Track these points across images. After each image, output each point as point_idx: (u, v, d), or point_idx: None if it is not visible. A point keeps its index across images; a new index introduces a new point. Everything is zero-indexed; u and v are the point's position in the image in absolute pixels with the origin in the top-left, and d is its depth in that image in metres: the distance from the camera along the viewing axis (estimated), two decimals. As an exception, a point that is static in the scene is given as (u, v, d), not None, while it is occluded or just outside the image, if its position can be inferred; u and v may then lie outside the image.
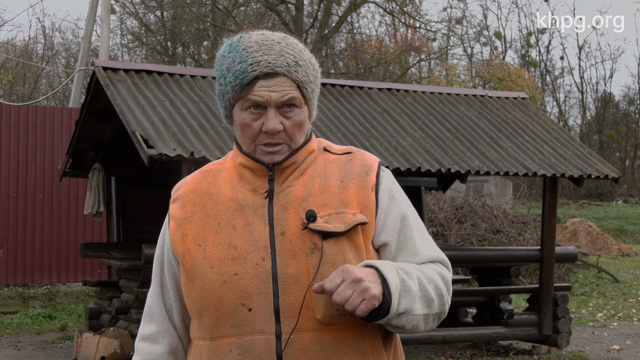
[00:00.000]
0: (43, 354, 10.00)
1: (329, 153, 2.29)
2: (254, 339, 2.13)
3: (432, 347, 10.47)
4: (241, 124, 2.20)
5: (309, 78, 2.21)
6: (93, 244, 10.49)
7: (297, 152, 2.22)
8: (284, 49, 2.18)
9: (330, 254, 2.13)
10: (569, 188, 36.98)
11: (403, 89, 10.68)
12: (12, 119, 13.28)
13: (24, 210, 13.21)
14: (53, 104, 31.49)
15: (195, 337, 2.26)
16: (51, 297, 13.26)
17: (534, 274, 15.70)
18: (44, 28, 47.08)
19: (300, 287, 2.12)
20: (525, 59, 43.37)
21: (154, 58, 30.50)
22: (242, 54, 2.17)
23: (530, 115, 10.94)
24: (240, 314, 2.14)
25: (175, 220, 2.29)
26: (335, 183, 2.22)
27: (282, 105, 2.16)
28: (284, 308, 2.12)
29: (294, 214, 2.17)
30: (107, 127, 10.22)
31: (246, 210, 2.20)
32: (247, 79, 2.15)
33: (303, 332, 2.12)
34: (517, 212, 18.72)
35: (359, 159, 2.28)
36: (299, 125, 2.19)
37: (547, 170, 9.48)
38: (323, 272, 2.12)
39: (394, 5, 30.06)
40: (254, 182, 2.22)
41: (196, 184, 2.31)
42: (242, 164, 2.24)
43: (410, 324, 2.13)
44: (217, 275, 2.16)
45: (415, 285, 2.13)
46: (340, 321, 2.14)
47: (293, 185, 2.21)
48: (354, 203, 2.20)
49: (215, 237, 2.19)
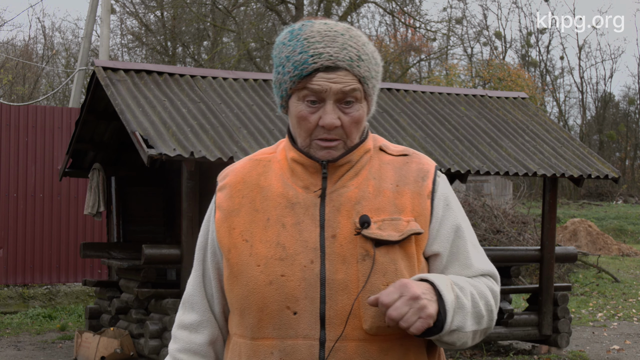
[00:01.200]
0: (43, 354, 10.00)
1: (385, 153, 2.20)
2: (297, 344, 2.06)
3: (432, 347, 10.46)
4: (297, 116, 2.09)
5: (371, 73, 2.11)
6: (93, 244, 10.48)
7: (353, 151, 2.13)
8: (347, 41, 2.09)
9: (382, 262, 2.06)
10: (569, 188, 36.99)
11: (403, 89, 10.68)
12: (12, 119, 13.28)
13: (24, 210, 13.21)
14: (53, 104, 31.49)
15: (234, 333, 2.19)
16: (51, 297, 13.26)
17: (534, 274, 15.71)
18: (44, 28, 47.12)
19: (348, 294, 2.05)
20: (525, 59, 43.37)
21: (154, 58, 30.50)
22: (303, 43, 2.08)
23: (530, 115, 10.94)
24: (284, 316, 2.07)
25: (222, 211, 2.19)
26: (390, 187, 2.14)
27: (341, 100, 2.07)
28: (330, 314, 2.05)
29: (347, 216, 2.09)
30: (107, 127, 10.22)
31: (297, 209, 2.12)
32: (307, 70, 2.05)
33: (348, 341, 2.05)
34: (517, 212, 18.73)
35: (416, 162, 2.19)
36: (357, 121, 2.10)
37: (547, 170, 9.48)
38: (373, 281, 2.05)
39: (394, 5, 30.06)
40: (306, 179, 2.13)
41: (245, 173, 2.21)
42: (295, 159, 2.14)
43: (461, 341, 2.07)
44: (264, 275, 2.08)
45: (468, 302, 2.07)
46: (387, 332, 2.07)
47: (347, 185, 2.13)
48: (409, 210, 2.12)
49: (263, 234, 2.11)
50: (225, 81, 9.58)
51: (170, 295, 8.72)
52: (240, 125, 8.75)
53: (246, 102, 9.26)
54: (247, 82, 9.74)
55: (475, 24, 51.08)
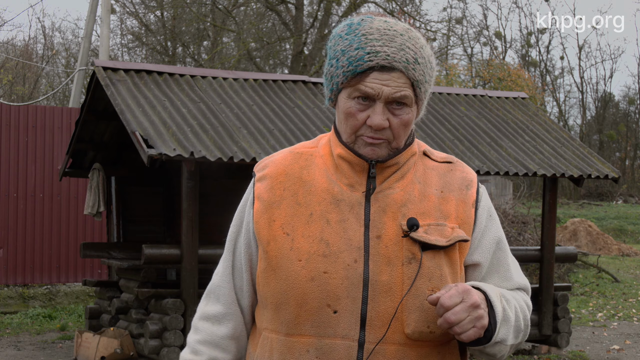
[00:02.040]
0: (43, 353, 10.00)
1: (429, 159, 2.18)
2: (335, 343, 2.02)
3: (432, 347, 10.47)
4: (345, 112, 2.05)
5: (425, 77, 2.07)
6: (93, 243, 10.48)
7: (401, 153, 2.10)
8: (405, 42, 2.04)
9: (429, 267, 2.03)
10: (569, 188, 36.99)
11: (403, 89, 10.67)
12: (12, 119, 13.28)
13: (24, 210, 13.21)
14: (53, 104, 31.48)
15: (265, 328, 2.13)
16: (51, 297, 13.26)
17: (534, 274, 15.70)
18: (44, 28, 47.12)
19: (391, 297, 2.02)
20: (525, 59, 43.37)
21: (154, 58, 30.50)
22: (360, 39, 2.04)
23: (530, 115, 10.94)
24: (324, 314, 2.02)
25: (262, 202, 2.13)
26: (435, 192, 2.12)
27: (392, 102, 2.03)
28: (371, 316, 2.01)
29: (392, 218, 2.06)
30: (107, 127, 10.22)
31: (342, 206, 2.07)
32: (362, 67, 2.01)
33: (387, 344, 2.02)
34: (517, 212, 18.73)
35: (460, 170, 2.18)
36: (405, 124, 2.06)
37: (547, 170, 9.48)
38: (419, 285, 2.02)
39: (394, 5, 30.06)
40: (351, 177, 2.09)
41: (287, 165, 2.16)
42: (341, 155, 2.10)
43: (501, 353, 2.06)
44: (305, 270, 2.03)
45: (512, 315, 2.07)
46: (428, 338, 2.05)
47: (393, 187, 2.10)
48: (453, 216, 2.10)
49: (306, 229, 2.07)
50: (225, 81, 9.58)
51: (170, 295, 8.72)
52: (240, 125, 8.75)
53: (246, 102, 9.26)
54: (247, 82, 9.74)
55: (475, 24, 51.11)
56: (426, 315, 2.03)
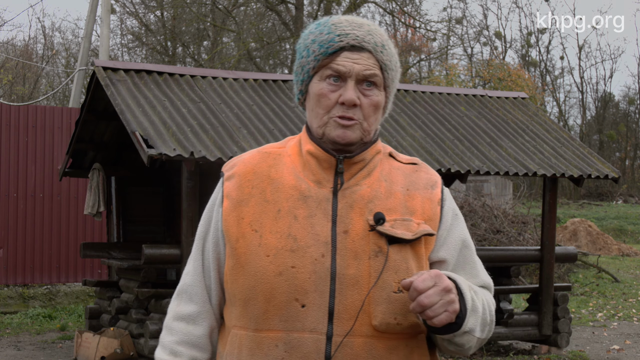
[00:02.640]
0: (43, 353, 10.00)
1: (394, 160, 2.23)
2: (303, 337, 2.04)
3: (432, 347, 10.46)
4: (318, 94, 2.11)
5: (392, 65, 2.15)
6: (93, 243, 10.48)
7: (367, 149, 2.15)
8: (372, 30, 2.15)
9: (395, 260, 2.07)
10: (569, 188, 37.00)
11: (403, 89, 10.68)
12: (12, 119, 13.28)
13: (24, 210, 13.21)
14: (53, 103, 31.48)
15: (234, 325, 2.15)
16: (51, 297, 13.26)
17: (534, 274, 15.71)
18: (44, 28, 47.12)
19: (358, 290, 2.05)
20: (525, 59, 43.38)
21: (154, 58, 30.50)
22: (330, 27, 2.14)
23: (530, 115, 10.94)
24: (292, 309, 2.05)
25: (230, 200, 2.16)
26: (401, 190, 2.16)
27: (362, 82, 2.10)
28: (338, 309, 2.04)
29: (359, 214, 2.10)
30: (107, 127, 10.22)
31: (309, 202, 2.11)
32: (333, 48, 2.10)
33: (355, 337, 2.05)
34: (517, 212, 18.73)
35: (424, 172, 2.23)
36: (375, 105, 2.12)
37: (547, 170, 9.48)
38: (385, 278, 2.05)
39: (394, 5, 30.06)
40: (318, 174, 2.14)
41: (255, 164, 2.20)
42: (310, 152, 2.15)
43: (469, 344, 2.09)
44: (273, 265, 2.06)
45: (480, 307, 2.10)
46: (395, 330, 2.07)
47: (360, 184, 2.14)
48: (419, 213, 2.14)
49: (274, 225, 2.10)
50: (225, 81, 9.58)
51: (170, 295, 8.71)
52: (240, 125, 8.75)
53: (246, 102, 9.26)
54: (247, 82, 9.73)
55: (475, 23, 51.13)
56: (393, 307, 2.05)
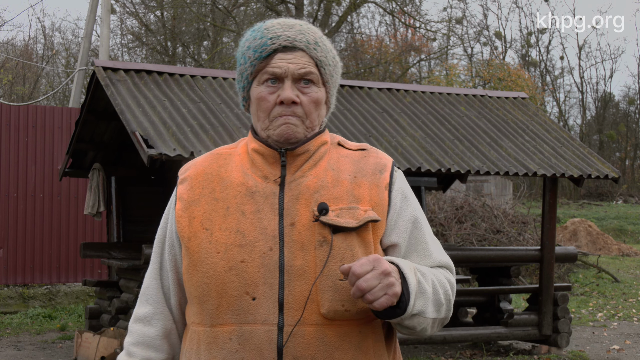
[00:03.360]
0: (43, 353, 10.00)
1: (343, 148, 2.27)
2: (255, 329, 2.09)
3: (432, 347, 10.47)
4: (257, 98, 2.17)
5: (328, 60, 2.19)
6: (93, 243, 10.48)
7: (311, 140, 2.19)
8: (304, 29, 2.19)
9: (340, 248, 2.11)
10: (569, 188, 36.99)
11: (403, 89, 10.68)
12: (12, 119, 13.28)
13: (24, 210, 13.21)
14: (53, 103, 31.48)
15: (193, 322, 2.21)
16: (51, 297, 13.26)
17: (534, 274, 15.71)
18: (44, 28, 47.11)
19: (306, 280, 2.09)
20: (526, 59, 43.38)
21: (154, 58, 30.50)
22: (263, 32, 2.18)
23: (530, 115, 10.94)
24: (243, 302, 2.10)
25: (182, 202, 2.23)
26: (348, 178, 2.19)
27: (299, 80, 2.15)
28: (288, 300, 2.09)
29: (305, 205, 2.14)
30: (107, 127, 10.22)
31: (256, 197, 2.16)
32: (266, 51, 2.14)
33: (306, 326, 2.09)
34: (517, 212, 18.72)
35: (373, 156, 2.26)
36: (315, 102, 2.17)
37: (547, 170, 9.48)
38: (331, 267, 2.10)
39: (394, 5, 30.05)
40: (265, 169, 2.19)
41: (206, 166, 2.26)
42: (255, 149, 2.20)
43: (421, 326, 2.12)
44: (223, 261, 2.11)
45: (429, 288, 2.12)
46: (345, 317, 2.11)
47: (306, 175, 2.18)
48: (366, 200, 2.17)
49: (223, 222, 2.15)
50: (225, 81, 9.58)
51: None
52: (240, 125, 8.75)
53: (246, 102, 9.26)
54: (247, 82, 9.73)
55: (475, 23, 51.12)
56: (340, 295, 2.09)
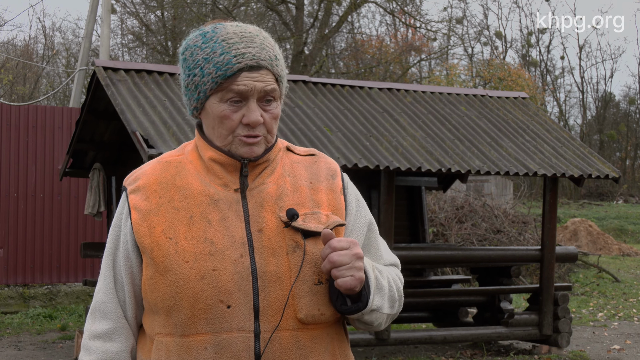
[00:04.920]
0: (44, 353, 10.00)
1: (293, 153, 2.29)
2: (232, 337, 2.08)
3: (432, 347, 10.47)
4: (220, 116, 2.13)
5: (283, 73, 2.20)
6: (93, 243, 10.49)
7: (271, 151, 2.20)
8: (263, 42, 2.16)
9: (312, 253, 2.13)
10: (569, 188, 37.00)
11: (403, 89, 10.68)
12: (13, 119, 13.29)
13: (24, 210, 13.22)
14: (53, 103, 31.48)
15: (158, 333, 2.15)
16: (51, 297, 13.26)
17: (534, 274, 15.70)
18: (44, 28, 47.14)
19: (281, 285, 2.10)
20: (526, 58, 43.38)
21: (155, 58, 30.50)
22: (222, 45, 2.12)
23: (530, 115, 10.93)
24: (218, 310, 2.08)
25: (139, 212, 2.17)
26: (305, 184, 2.22)
27: (262, 99, 2.14)
28: (264, 306, 2.09)
29: (270, 211, 2.15)
30: (107, 127, 10.22)
31: (220, 205, 2.15)
32: (232, 70, 2.10)
33: (282, 331, 2.10)
34: (518, 211, 18.73)
35: (323, 162, 2.29)
36: (276, 118, 2.18)
37: (547, 170, 9.48)
38: (306, 271, 2.12)
39: (395, 5, 30.05)
40: (224, 177, 2.17)
41: (158, 174, 2.22)
42: (213, 158, 2.17)
43: (378, 321, 2.18)
44: (194, 270, 2.08)
45: (386, 285, 2.19)
46: (319, 321, 2.14)
47: (266, 182, 2.19)
48: (325, 204, 2.21)
49: (188, 231, 2.12)
50: (226, 81, 9.57)
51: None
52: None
53: (246, 102, 9.25)
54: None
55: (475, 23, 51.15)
56: (316, 299, 2.13)
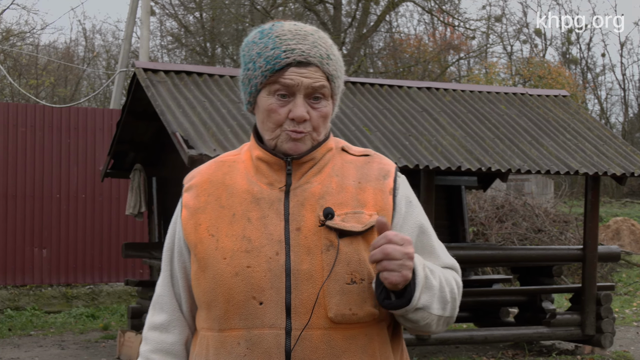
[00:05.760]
0: (86, 352, 10.10)
1: (347, 154, 2.28)
2: (263, 333, 2.11)
3: (473, 347, 10.42)
4: (267, 109, 2.17)
5: (337, 73, 2.20)
6: (135, 244, 10.56)
7: (317, 149, 2.21)
8: (317, 40, 2.18)
9: (346, 252, 2.12)
10: (611, 186, 36.60)
11: (442, 88, 10.64)
12: (55, 121, 13.43)
13: (66, 211, 13.36)
14: (94, 105, 31.78)
15: (202, 327, 2.24)
16: (94, 297, 13.39)
17: (576, 274, 15.56)
18: (84, 30, 47.60)
19: (313, 284, 2.11)
20: (566, 56, 42.99)
21: (193, 59, 30.68)
22: (275, 40, 2.16)
23: (571, 113, 10.84)
24: (250, 307, 2.12)
25: (188, 209, 2.27)
26: (353, 183, 2.21)
27: (310, 95, 2.16)
28: (295, 304, 2.10)
29: (311, 210, 2.16)
30: (147, 128, 10.29)
31: (262, 203, 2.18)
32: (280, 64, 2.14)
33: (313, 330, 2.10)
34: (559, 210, 18.57)
35: (377, 162, 2.28)
36: (324, 117, 2.19)
37: (589, 168, 9.38)
38: (337, 270, 2.11)
39: (433, 3, 29.94)
40: (270, 176, 2.21)
41: (211, 173, 2.29)
42: (260, 157, 2.22)
43: (425, 321, 2.13)
44: (230, 267, 2.14)
45: (437, 284, 2.14)
46: (351, 321, 2.13)
47: (310, 182, 2.20)
48: (371, 204, 2.19)
49: (229, 228, 2.18)
50: (265, 81, 9.60)
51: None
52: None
53: (285, 102, 9.27)
54: (286, 82, 9.74)
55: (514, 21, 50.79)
56: (347, 298, 2.12)
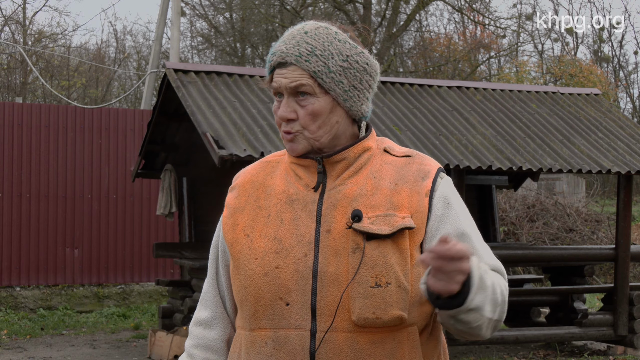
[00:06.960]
0: (118, 352, 10.16)
1: (388, 154, 2.25)
2: (289, 334, 2.12)
3: (504, 347, 10.36)
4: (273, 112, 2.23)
5: (329, 68, 2.14)
6: (165, 244, 10.61)
7: (349, 148, 2.19)
8: (305, 38, 2.16)
9: (372, 255, 2.10)
10: (644, 185, 36.26)
11: (473, 87, 10.59)
12: (86, 122, 13.53)
13: (98, 211, 13.45)
14: (125, 106, 31.98)
15: (238, 326, 2.27)
16: (125, 297, 13.47)
17: (608, 273, 15.42)
18: (115, 32, 47.89)
19: (338, 286, 2.10)
20: (598, 54, 42.64)
21: (224, 59, 30.78)
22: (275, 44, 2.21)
23: (603, 111, 10.75)
24: (277, 307, 2.13)
25: (229, 209, 2.30)
26: (389, 185, 2.18)
27: (296, 94, 2.16)
28: (320, 306, 2.10)
29: (342, 212, 2.14)
30: (178, 129, 10.34)
31: (295, 205, 2.19)
32: (269, 68, 2.20)
33: (337, 332, 2.10)
34: (591, 210, 18.42)
35: (418, 163, 2.22)
36: (312, 114, 2.15)
37: (621, 167, 9.30)
38: (362, 273, 2.09)
39: (463, 2, 29.82)
40: (305, 177, 2.21)
41: (254, 174, 2.31)
42: (292, 160, 2.24)
43: (477, 322, 2.05)
44: (260, 267, 2.16)
45: (490, 285, 2.06)
46: (376, 325, 2.09)
47: (345, 183, 2.18)
48: (405, 207, 2.14)
49: (263, 229, 2.20)
50: (294, 81, 9.61)
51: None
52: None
53: (315, 102, 9.27)
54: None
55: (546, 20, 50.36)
56: (370, 302, 2.08)
